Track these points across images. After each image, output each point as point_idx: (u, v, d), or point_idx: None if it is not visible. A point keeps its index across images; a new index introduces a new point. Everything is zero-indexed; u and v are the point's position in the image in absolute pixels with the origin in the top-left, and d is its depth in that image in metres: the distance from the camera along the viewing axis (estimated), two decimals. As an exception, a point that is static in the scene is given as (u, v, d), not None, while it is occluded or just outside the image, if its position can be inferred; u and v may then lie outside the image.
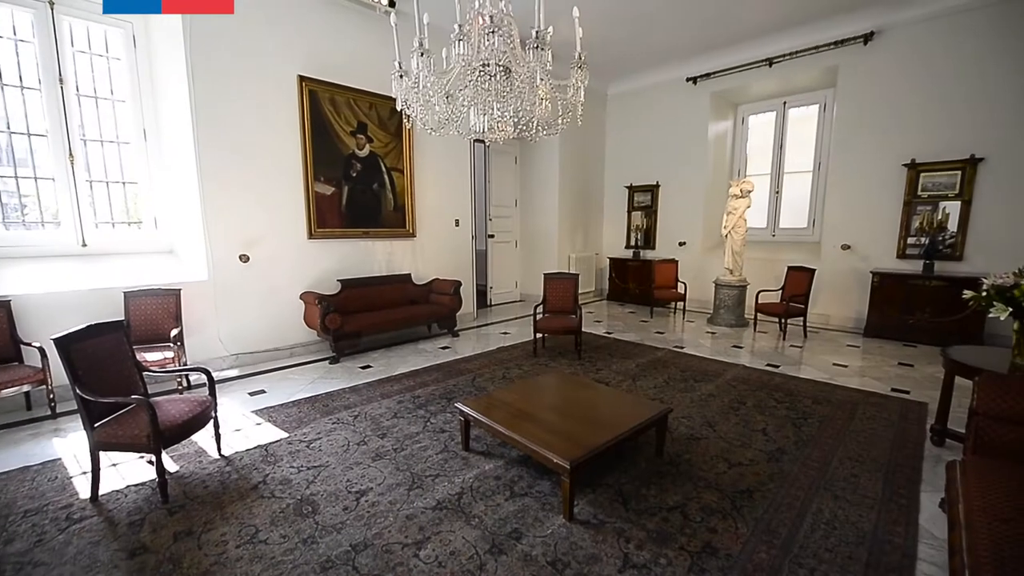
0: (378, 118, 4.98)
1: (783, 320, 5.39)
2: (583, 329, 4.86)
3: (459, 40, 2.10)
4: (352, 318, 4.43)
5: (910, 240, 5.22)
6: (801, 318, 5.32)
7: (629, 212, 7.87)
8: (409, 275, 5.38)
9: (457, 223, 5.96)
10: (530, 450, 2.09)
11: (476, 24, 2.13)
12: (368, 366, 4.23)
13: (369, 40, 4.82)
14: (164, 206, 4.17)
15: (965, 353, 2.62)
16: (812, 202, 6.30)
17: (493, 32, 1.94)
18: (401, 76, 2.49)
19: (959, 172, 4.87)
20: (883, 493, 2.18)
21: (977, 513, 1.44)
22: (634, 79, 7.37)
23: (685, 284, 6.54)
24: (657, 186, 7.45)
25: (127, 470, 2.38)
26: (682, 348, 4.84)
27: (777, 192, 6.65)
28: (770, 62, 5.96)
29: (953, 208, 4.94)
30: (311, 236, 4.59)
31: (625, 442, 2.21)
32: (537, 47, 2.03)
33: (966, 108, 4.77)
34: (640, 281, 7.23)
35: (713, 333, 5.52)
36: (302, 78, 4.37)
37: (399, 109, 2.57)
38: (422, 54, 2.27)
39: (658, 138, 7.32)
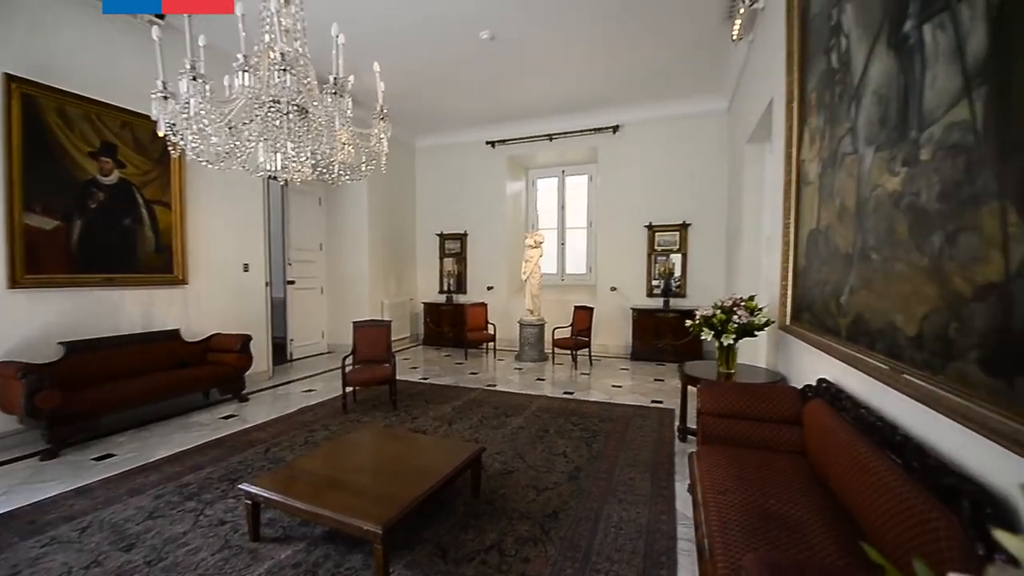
0: (134, 140, 4.08)
1: (574, 352, 6.24)
2: (398, 377, 4.70)
3: (243, 71, 1.91)
4: (83, 393, 3.32)
5: (654, 282, 6.76)
6: (587, 349, 6.25)
7: (441, 258, 8.15)
8: (177, 331, 4.38)
9: (247, 268, 5.19)
10: (336, 522, 1.86)
11: (266, 58, 1.98)
12: (109, 455, 3.19)
13: (127, 47, 3.98)
14: None
15: (693, 367, 3.46)
16: (588, 252, 7.63)
17: (285, 70, 1.82)
18: (165, 98, 2.11)
19: (678, 232, 6.60)
20: (651, 489, 2.65)
21: (708, 491, 1.86)
22: (442, 136, 7.89)
23: (494, 325, 7.01)
24: (466, 235, 7.95)
25: None
26: (494, 386, 5.11)
27: (563, 243, 7.85)
28: (550, 137, 7.16)
29: (677, 259, 6.64)
30: (14, 284, 3.35)
31: (443, 489, 2.17)
32: (336, 93, 1.99)
33: (680, 186, 6.56)
34: (454, 324, 7.46)
35: (520, 369, 6.01)
36: (10, 77, 3.30)
37: (162, 135, 2.16)
38: (194, 78, 1.98)
39: (465, 191, 7.90)
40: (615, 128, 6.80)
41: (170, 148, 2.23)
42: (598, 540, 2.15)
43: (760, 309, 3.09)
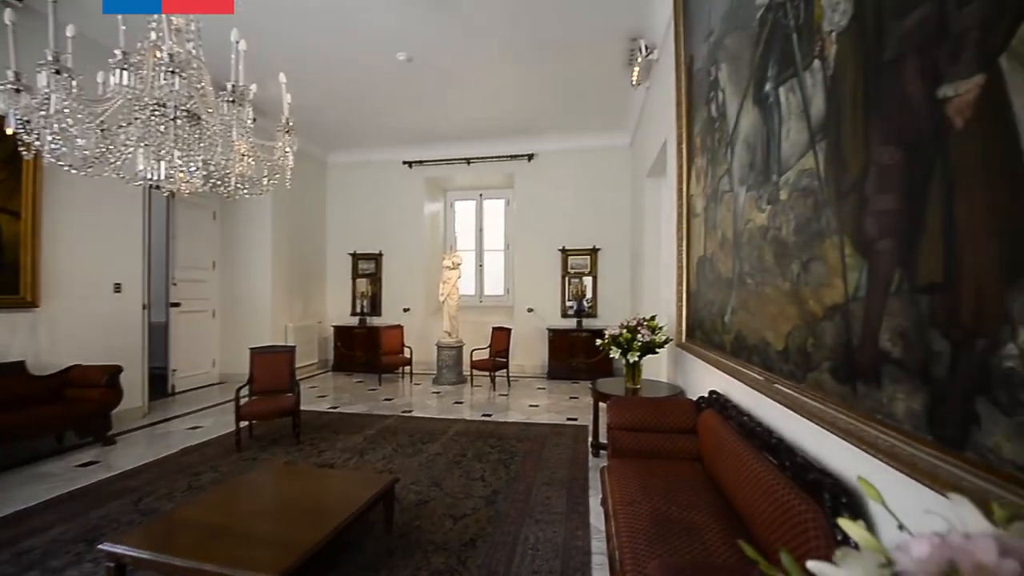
0: (-30, 137, 3.41)
1: (492, 373, 6.25)
2: (303, 407, 4.34)
3: (122, 69, 1.70)
4: None
5: (568, 303, 7.06)
6: (505, 370, 6.30)
7: (354, 279, 7.79)
8: (21, 363, 3.65)
9: (119, 288, 4.52)
10: (224, 576, 1.64)
11: (151, 57, 1.79)
12: (-90, 525, 2.53)
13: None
14: None
15: (604, 384, 3.63)
16: (506, 274, 7.78)
17: (174, 72, 1.66)
18: (17, 90, 1.81)
19: (589, 256, 7.00)
20: (567, 506, 2.71)
21: (618, 504, 1.95)
22: (358, 153, 7.64)
23: (411, 348, 6.81)
24: (381, 255, 7.70)
25: None
26: (410, 411, 4.93)
27: (481, 265, 7.92)
28: (468, 161, 7.27)
29: (589, 281, 7.01)
30: None
31: (351, 527, 2.02)
32: (234, 101, 1.85)
33: (590, 213, 6.98)
34: (368, 348, 7.11)
35: (438, 392, 5.87)
36: None
37: (11, 132, 1.84)
38: (58, 72, 1.72)
39: (381, 210, 7.68)
40: (530, 156, 7.10)
41: (21, 149, 1.90)
42: (516, 564, 2.13)
43: (660, 328, 3.36)
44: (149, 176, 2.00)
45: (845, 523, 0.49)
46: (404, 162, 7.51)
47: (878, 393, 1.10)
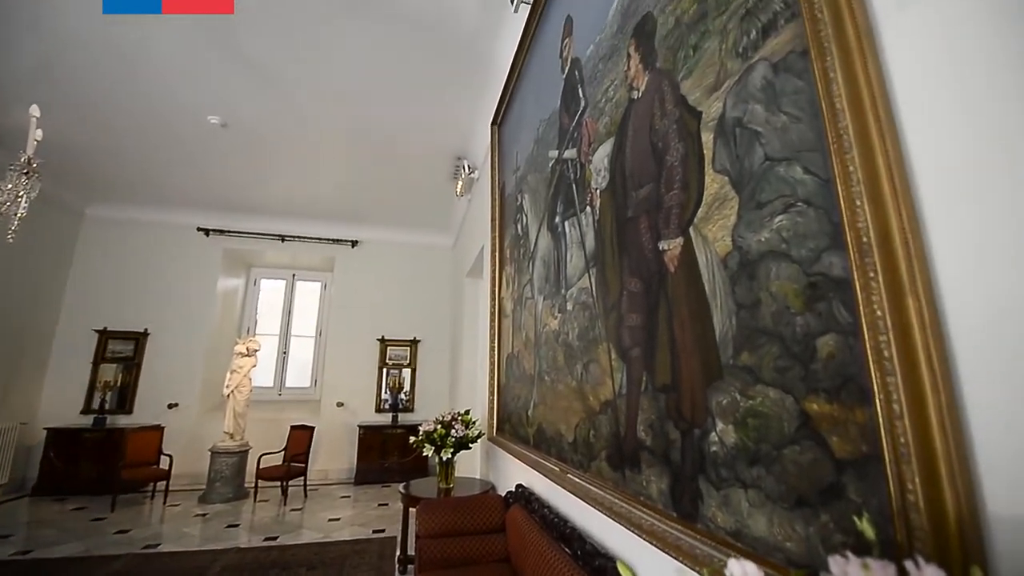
0: None
1: (284, 483, 5.28)
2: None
3: None
4: None
5: (384, 397, 6.67)
6: (302, 478, 5.40)
7: (97, 363, 5.95)
8: None
9: None
10: None
11: None
12: None
13: None
14: None
15: (416, 486, 3.41)
16: (315, 363, 7.02)
17: None
18: None
19: (409, 347, 6.90)
20: (362, 645, 2.31)
21: (419, 629, 1.76)
22: (135, 209, 6.28)
23: (171, 457, 5.32)
24: (146, 334, 6.16)
25: None
26: (157, 545, 3.72)
27: (285, 352, 7.02)
28: (283, 238, 6.72)
29: (408, 373, 6.83)
30: None
31: None
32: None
33: (412, 305, 7.02)
34: (102, 459, 5.28)
35: (205, 514, 4.62)
36: None
37: None
38: None
39: (155, 280, 6.30)
40: (355, 243, 6.97)
41: None
42: None
43: (474, 422, 3.43)
44: None
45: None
46: (200, 228, 6.50)
47: (639, 477, 1.32)
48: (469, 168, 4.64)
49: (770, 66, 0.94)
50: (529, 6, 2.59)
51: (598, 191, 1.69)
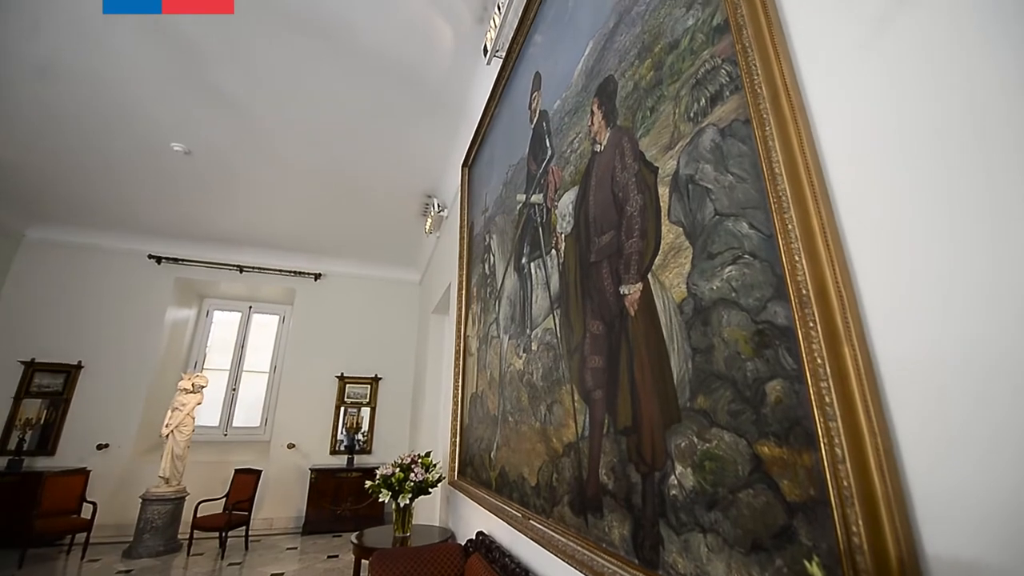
0: None
1: (224, 534, 4.83)
2: None
3: None
4: None
5: (340, 438, 6.34)
6: (244, 527, 4.97)
7: (19, 398, 5.40)
8: None
9: None
10: None
11: None
12: None
13: None
14: None
15: (370, 535, 3.19)
16: (267, 401, 6.64)
17: None
18: None
19: (370, 385, 6.66)
20: None
21: None
22: (81, 232, 5.94)
23: (95, 505, 4.80)
24: (79, 366, 5.68)
25: None
26: (66, 611, 3.28)
27: (235, 389, 6.61)
28: (240, 268, 6.49)
29: (367, 412, 6.55)
30: None
31: None
32: None
33: (374, 341, 6.83)
34: (13, 507, 4.70)
35: (128, 571, 4.15)
36: None
37: None
38: None
39: (95, 309, 5.88)
40: (317, 275, 6.82)
41: None
42: None
43: (435, 465, 3.29)
44: None
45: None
46: (152, 256, 6.20)
47: (602, 522, 1.30)
48: (439, 206, 4.69)
49: (718, 131, 1.03)
50: (501, 60, 2.74)
51: (563, 235, 1.75)
